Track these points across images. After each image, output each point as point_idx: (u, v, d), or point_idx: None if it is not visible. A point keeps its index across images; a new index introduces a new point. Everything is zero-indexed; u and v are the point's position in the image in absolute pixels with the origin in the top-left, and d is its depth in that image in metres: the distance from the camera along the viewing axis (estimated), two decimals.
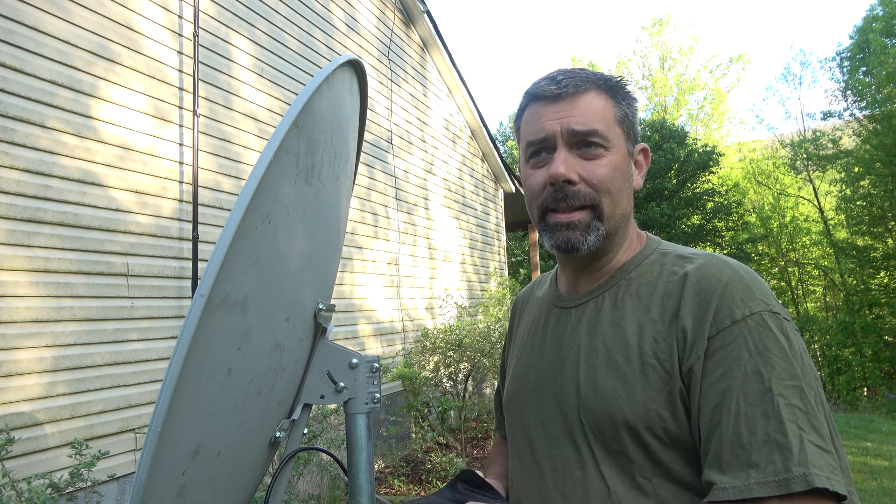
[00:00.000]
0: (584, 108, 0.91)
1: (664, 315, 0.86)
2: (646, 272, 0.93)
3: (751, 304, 0.81)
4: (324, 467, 4.36)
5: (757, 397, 0.75)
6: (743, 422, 0.75)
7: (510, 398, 1.07)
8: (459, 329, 6.23)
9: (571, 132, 0.90)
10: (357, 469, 0.89)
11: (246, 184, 0.62)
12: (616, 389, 0.86)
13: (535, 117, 0.94)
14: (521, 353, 1.08)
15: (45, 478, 2.48)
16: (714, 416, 0.78)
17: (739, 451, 0.74)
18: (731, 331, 0.79)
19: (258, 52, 4.47)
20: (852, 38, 16.66)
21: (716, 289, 0.83)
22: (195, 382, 0.61)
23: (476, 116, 8.54)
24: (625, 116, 0.94)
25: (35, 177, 2.87)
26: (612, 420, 0.86)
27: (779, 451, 0.72)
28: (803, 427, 0.73)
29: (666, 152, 17.30)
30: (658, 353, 0.84)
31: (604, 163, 0.90)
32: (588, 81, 0.93)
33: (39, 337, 2.83)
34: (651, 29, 24.99)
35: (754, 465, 0.72)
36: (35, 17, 2.90)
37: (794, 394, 0.75)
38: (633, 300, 0.91)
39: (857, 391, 14.75)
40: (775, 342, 0.78)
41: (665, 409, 0.82)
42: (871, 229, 16.64)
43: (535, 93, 0.95)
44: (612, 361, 0.88)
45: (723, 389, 0.78)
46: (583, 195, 0.90)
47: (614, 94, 0.94)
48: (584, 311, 0.97)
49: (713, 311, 0.81)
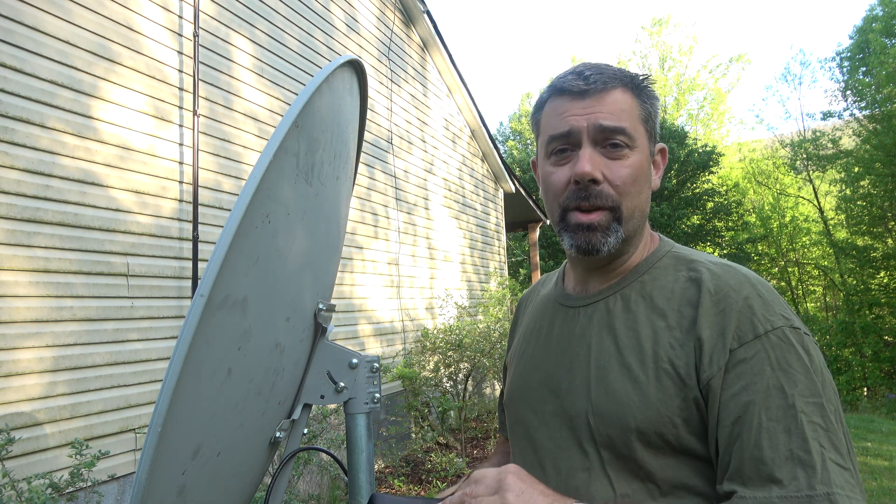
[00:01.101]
0: (612, 104, 0.89)
1: (681, 322, 0.85)
2: (660, 276, 0.92)
3: (772, 319, 0.80)
4: (324, 467, 4.36)
5: (780, 413, 0.75)
6: (765, 437, 0.75)
7: (511, 396, 1.05)
8: (459, 329, 6.23)
9: (600, 127, 0.87)
10: (357, 469, 0.89)
11: (246, 184, 0.62)
12: (629, 394, 0.84)
13: (559, 112, 0.91)
14: (523, 352, 1.06)
15: (46, 478, 2.48)
16: (735, 429, 0.77)
17: (761, 465, 0.74)
18: (753, 345, 0.79)
19: (258, 52, 4.48)
20: (852, 39, 16.66)
21: (735, 301, 0.82)
22: (195, 382, 0.61)
23: (476, 116, 8.54)
24: (648, 116, 0.93)
25: (35, 177, 2.87)
26: (623, 425, 0.84)
27: (802, 468, 0.72)
28: (824, 445, 0.73)
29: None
30: (673, 360, 0.83)
31: (628, 163, 0.89)
32: (615, 79, 0.90)
33: (39, 337, 2.83)
34: (651, 29, 25.01)
35: (777, 481, 0.72)
36: (35, 17, 2.90)
37: (815, 411, 0.75)
38: (647, 304, 0.90)
39: (857, 391, 14.74)
40: (797, 358, 0.78)
41: (678, 416, 0.82)
42: (871, 229, 16.63)
43: (560, 87, 0.92)
44: (625, 365, 0.87)
45: (744, 403, 0.77)
46: (605, 196, 0.88)
47: (639, 92, 0.92)
48: (594, 312, 0.95)
49: (734, 325, 0.81)
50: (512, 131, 29.92)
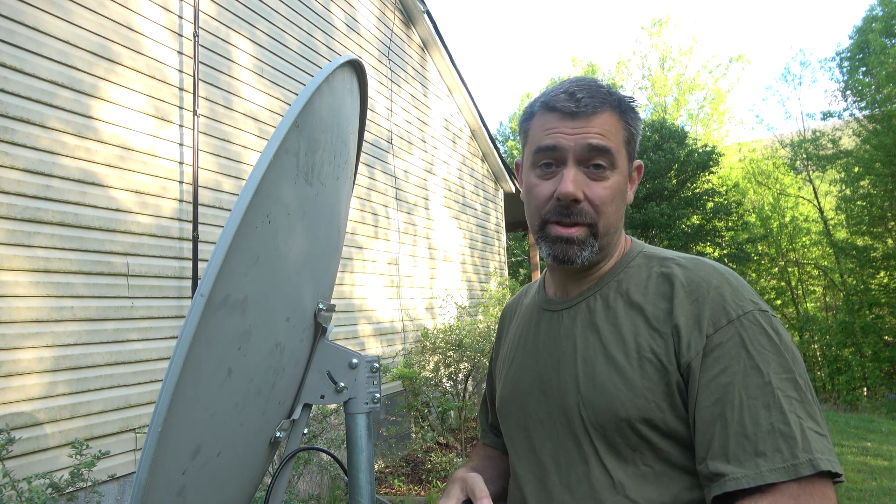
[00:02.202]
0: (600, 126, 0.93)
1: (657, 314, 0.91)
2: (634, 274, 0.98)
3: (743, 304, 0.87)
4: (324, 467, 4.36)
5: (758, 391, 0.81)
6: (747, 414, 0.80)
7: (504, 401, 1.09)
8: (459, 329, 6.23)
9: (587, 146, 0.92)
10: (357, 469, 0.89)
11: (246, 184, 0.62)
12: (616, 384, 0.90)
13: (549, 127, 0.95)
14: (513, 358, 1.10)
15: (46, 478, 2.48)
16: (715, 409, 0.82)
17: (745, 441, 0.79)
18: (727, 329, 0.85)
19: (258, 52, 4.48)
20: (852, 39, 16.65)
21: (707, 291, 0.89)
22: (195, 382, 0.61)
23: (476, 117, 8.54)
24: (631, 137, 0.98)
25: (35, 177, 2.87)
26: (612, 414, 0.89)
27: (784, 440, 0.78)
28: (801, 416, 0.79)
29: (666, 152, 17.29)
30: (654, 349, 0.89)
31: (608, 185, 0.94)
32: (605, 102, 0.95)
33: (40, 337, 2.83)
34: (651, 29, 24.99)
35: (761, 454, 0.78)
36: (35, 17, 2.90)
37: (789, 385, 0.81)
38: (625, 300, 0.96)
39: (857, 391, 14.74)
40: (768, 338, 0.84)
41: (664, 401, 0.87)
42: (870, 229, 16.62)
43: (551, 104, 0.96)
44: (609, 357, 0.92)
45: (724, 384, 0.83)
46: (585, 213, 0.93)
47: (626, 115, 0.97)
48: (576, 312, 1.00)
49: (708, 312, 0.87)
50: (512, 131, 29.93)
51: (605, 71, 26.37)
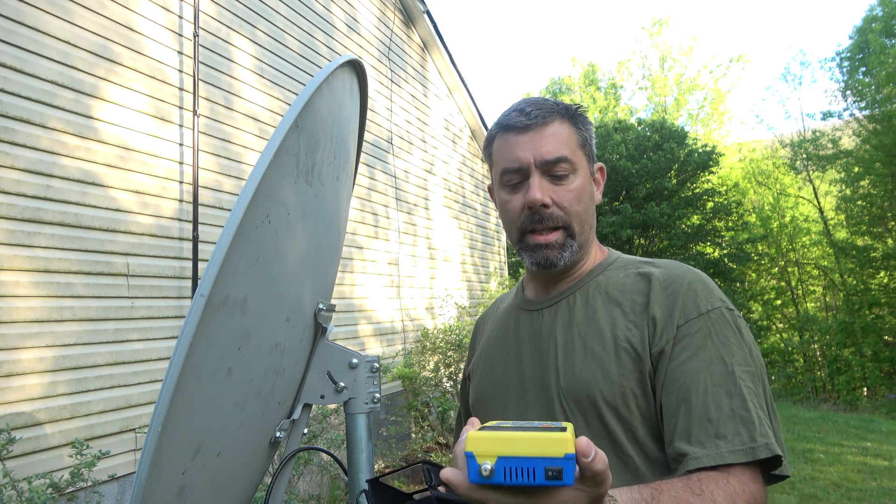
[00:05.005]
0: (552, 136, 1.00)
1: (634, 307, 0.98)
2: (612, 275, 1.05)
3: (712, 301, 0.95)
4: (324, 467, 4.36)
5: (721, 378, 0.88)
6: (711, 399, 0.87)
7: (481, 397, 1.13)
8: (459, 329, 6.23)
9: (544, 161, 0.99)
10: (357, 469, 0.89)
11: (246, 184, 0.63)
12: (594, 372, 0.96)
13: (508, 146, 1.03)
14: (489, 357, 1.15)
15: (46, 477, 2.48)
16: (681, 394, 0.89)
17: (707, 424, 0.85)
18: (697, 321, 0.93)
19: (259, 52, 4.48)
20: (852, 39, 16.63)
21: (681, 286, 0.97)
22: (195, 382, 0.61)
23: (476, 117, 8.54)
24: (585, 141, 1.05)
25: (36, 177, 2.87)
26: (591, 400, 0.95)
27: (743, 424, 0.84)
28: (758, 406, 0.87)
29: (666, 152, 17.26)
30: (630, 339, 0.95)
31: (572, 187, 1.01)
32: (553, 112, 1.02)
33: (40, 337, 2.83)
34: (651, 29, 24.98)
35: (722, 437, 0.84)
36: (36, 17, 2.90)
37: (749, 378, 0.89)
38: (604, 297, 1.02)
39: (857, 391, 14.72)
40: (733, 333, 0.92)
41: (638, 388, 0.93)
42: (870, 229, 16.61)
43: (505, 124, 1.04)
44: (588, 349, 0.98)
45: (690, 370, 0.89)
46: (556, 217, 1.00)
47: (575, 121, 1.04)
48: (557, 311, 1.06)
49: (681, 304, 0.94)
50: None
51: (606, 71, 26.36)
